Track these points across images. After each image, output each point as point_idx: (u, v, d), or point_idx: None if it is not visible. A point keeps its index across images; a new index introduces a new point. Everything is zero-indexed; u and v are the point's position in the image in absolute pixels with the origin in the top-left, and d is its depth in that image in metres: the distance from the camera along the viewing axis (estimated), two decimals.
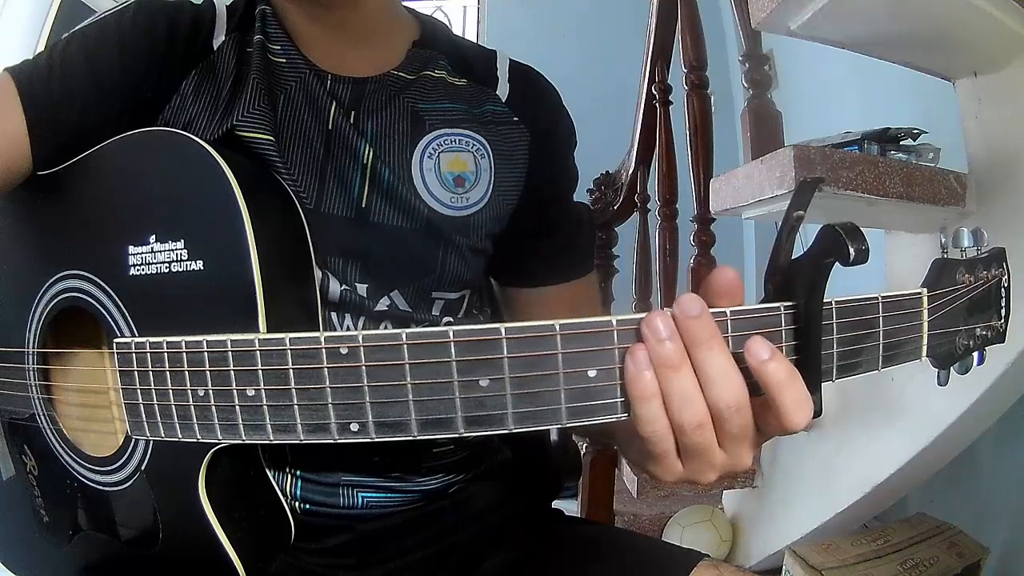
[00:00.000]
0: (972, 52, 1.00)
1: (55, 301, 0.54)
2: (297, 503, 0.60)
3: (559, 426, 0.38)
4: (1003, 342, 0.45)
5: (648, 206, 1.77)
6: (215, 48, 0.59)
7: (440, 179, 0.61)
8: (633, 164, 1.78)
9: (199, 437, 0.43)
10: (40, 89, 0.52)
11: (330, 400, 0.38)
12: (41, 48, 0.57)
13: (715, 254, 1.51)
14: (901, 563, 1.23)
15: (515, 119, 0.66)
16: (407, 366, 0.37)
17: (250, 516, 0.51)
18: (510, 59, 0.70)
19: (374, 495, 0.61)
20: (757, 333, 0.37)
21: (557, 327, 0.36)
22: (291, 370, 0.38)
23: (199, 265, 0.45)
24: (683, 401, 0.36)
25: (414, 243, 0.60)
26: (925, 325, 0.42)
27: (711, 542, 1.67)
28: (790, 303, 0.38)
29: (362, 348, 0.37)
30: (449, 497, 0.65)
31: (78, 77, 0.53)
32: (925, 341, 0.42)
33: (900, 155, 1.08)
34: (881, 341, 0.40)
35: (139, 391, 0.45)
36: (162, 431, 0.45)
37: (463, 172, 0.62)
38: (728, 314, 0.37)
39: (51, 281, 0.53)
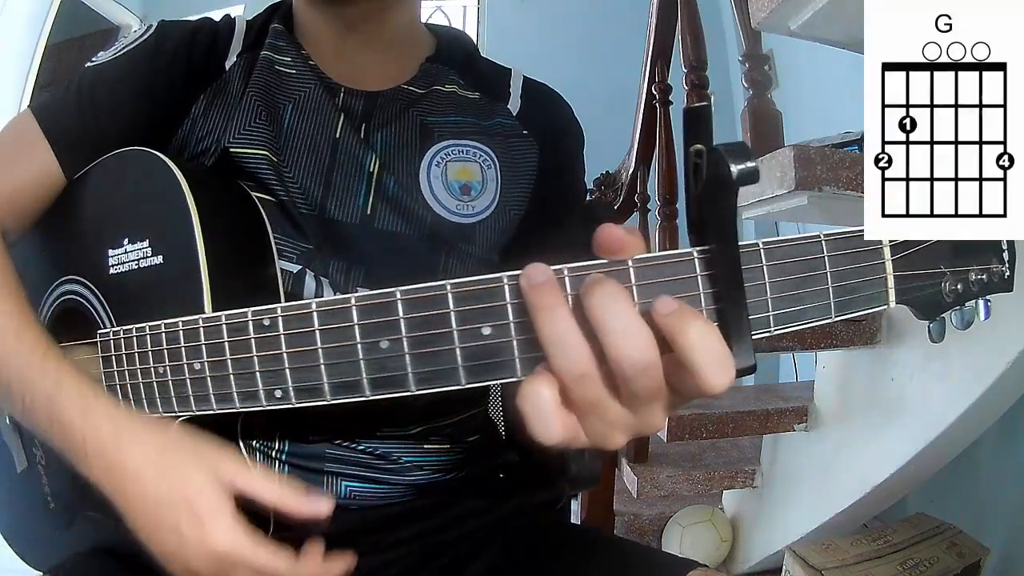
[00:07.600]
0: None
1: (56, 304, 0.59)
2: None
3: (460, 387, 0.37)
4: (1010, 290, 0.38)
5: (648, 206, 1.77)
6: (227, 69, 0.61)
7: (447, 187, 0.62)
8: (633, 164, 1.78)
9: (162, 412, 0.47)
10: (70, 129, 0.58)
11: (257, 368, 0.41)
12: (41, 48, 0.59)
13: None
14: (901, 563, 1.23)
15: (524, 132, 0.66)
16: (317, 332, 0.39)
17: None
18: (525, 77, 0.71)
19: (358, 485, 0.60)
20: (670, 281, 0.34)
21: (448, 286, 0.36)
22: (226, 343, 0.42)
23: (159, 260, 0.50)
24: (560, 346, 0.33)
25: (417, 249, 0.60)
26: (889, 265, 0.37)
27: (711, 542, 1.67)
28: (704, 247, 0.34)
29: (280, 318, 0.40)
30: (436, 495, 0.63)
31: (105, 113, 0.58)
32: (891, 284, 0.37)
33: None
34: (831, 284, 0.36)
35: (116, 374, 0.50)
36: (135, 409, 0.49)
37: (469, 181, 0.62)
38: (631, 263, 0.34)
39: (53, 286, 0.59)
